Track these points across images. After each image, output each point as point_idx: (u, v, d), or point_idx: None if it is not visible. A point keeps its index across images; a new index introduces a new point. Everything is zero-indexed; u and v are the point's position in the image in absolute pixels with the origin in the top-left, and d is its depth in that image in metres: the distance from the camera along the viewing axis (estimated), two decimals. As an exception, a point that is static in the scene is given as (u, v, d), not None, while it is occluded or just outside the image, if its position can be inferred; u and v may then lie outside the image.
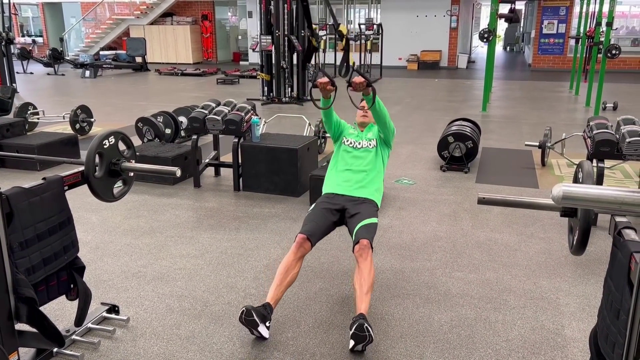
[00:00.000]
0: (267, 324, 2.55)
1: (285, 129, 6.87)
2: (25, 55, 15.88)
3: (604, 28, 9.00)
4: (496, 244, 3.69)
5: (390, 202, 4.54)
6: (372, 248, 2.69)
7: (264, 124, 6.05)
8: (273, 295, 2.61)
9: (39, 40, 21.49)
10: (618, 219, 1.72)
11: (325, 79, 2.83)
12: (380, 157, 3.15)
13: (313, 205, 3.01)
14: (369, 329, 2.38)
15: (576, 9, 14.46)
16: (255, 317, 2.47)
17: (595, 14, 10.37)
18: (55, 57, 15.38)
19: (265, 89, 10.11)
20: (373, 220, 2.83)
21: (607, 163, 4.22)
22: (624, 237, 1.58)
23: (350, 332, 2.40)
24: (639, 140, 3.82)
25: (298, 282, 3.10)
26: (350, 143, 3.17)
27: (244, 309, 2.48)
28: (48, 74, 15.41)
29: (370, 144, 3.15)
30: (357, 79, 2.77)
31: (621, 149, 3.90)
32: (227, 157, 5.33)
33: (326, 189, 3.09)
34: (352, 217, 2.85)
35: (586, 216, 1.71)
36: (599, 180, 3.90)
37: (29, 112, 7.15)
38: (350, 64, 2.70)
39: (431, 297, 2.98)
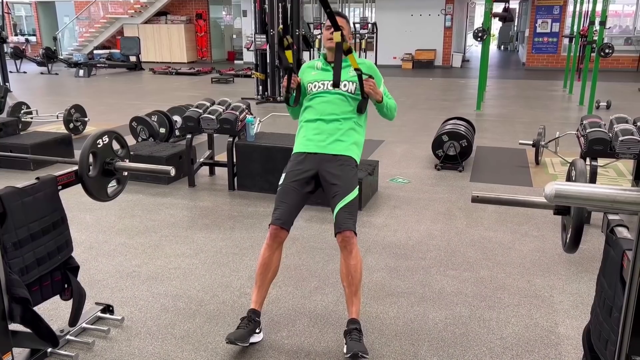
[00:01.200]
0: (257, 330, 2.51)
1: (280, 128, 6.86)
2: (19, 54, 15.80)
3: (597, 27, 9.04)
4: (490, 243, 3.71)
5: (385, 201, 4.55)
6: (355, 234, 2.48)
7: (258, 123, 6.04)
8: (257, 298, 2.55)
9: (32, 39, 21.38)
10: (611, 217, 1.73)
11: (286, 81, 2.65)
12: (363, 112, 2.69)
13: (283, 176, 2.63)
14: (363, 355, 2.30)
15: (570, 8, 14.52)
16: (240, 344, 2.41)
17: (589, 13, 10.41)
18: (49, 56, 15.31)
19: (260, 88, 10.10)
20: (353, 195, 2.52)
21: (600, 161, 4.24)
22: (617, 235, 1.60)
23: (346, 355, 2.35)
24: (631, 139, 3.85)
25: (292, 280, 3.11)
26: (317, 87, 2.69)
27: (227, 340, 2.40)
28: (41, 73, 15.34)
29: (345, 87, 2.63)
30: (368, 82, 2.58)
31: (614, 148, 3.92)
32: (221, 157, 5.32)
33: (295, 147, 2.70)
34: (330, 188, 2.55)
35: (579, 214, 1.72)
36: (592, 179, 3.92)
37: (22, 111, 7.11)
38: (355, 67, 2.52)
39: (426, 296, 2.99)
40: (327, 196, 2.59)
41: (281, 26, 5.35)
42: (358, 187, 2.61)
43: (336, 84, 2.52)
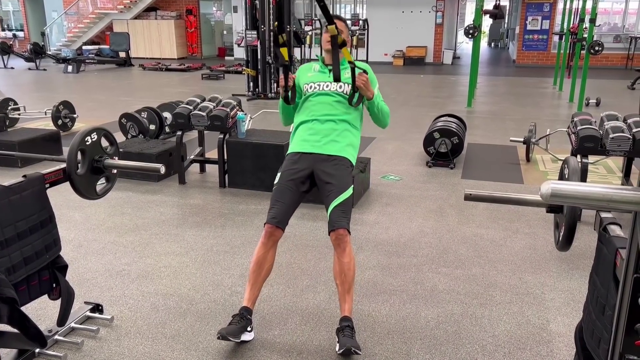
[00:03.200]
0: (249, 328, 2.49)
1: (271, 125, 6.82)
2: (6, 49, 15.58)
3: (587, 24, 9.08)
4: (482, 240, 3.71)
5: (377, 198, 4.54)
6: (349, 233, 2.49)
7: (249, 120, 6.01)
8: (249, 296, 2.53)
9: (20, 34, 21.10)
10: (603, 214, 1.73)
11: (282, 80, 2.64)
12: (356, 106, 2.69)
13: (278, 176, 2.63)
14: (356, 351, 2.31)
15: (560, 6, 14.58)
16: (232, 339, 2.38)
17: (579, 10, 10.46)
18: (37, 52, 15.12)
19: (251, 84, 10.05)
20: (347, 193, 2.52)
21: (590, 158, 4.26)
22: (609, 233, 1.59)
23: (338, 351, 2.36)
24: (622, 136, 3.86)
25: (284, 279, 3.09)
26: (314, 87, 2.70)
27: (218, 335, 2.38)
28: (29, 69, 15.16)
29: (341, 89, 2.66)
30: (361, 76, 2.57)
31: (604, 145, 3.94)
32: (212, 154, 5.28)
33: (291, 147, 2.71)
34: (325, 187, 2.55)
35: (572, 212, 1.72)
36: (583, 176, 3.93)
37: (9, 107, 7.02)
38: (349, 60, 2.53)
39: (418, 294, 2.98)
40: (321, 195, 2.60)
41: (276, 23, 5.32)
42: (352, 186, 2.60)
43: (337, 78, 2.54)
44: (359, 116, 2.76)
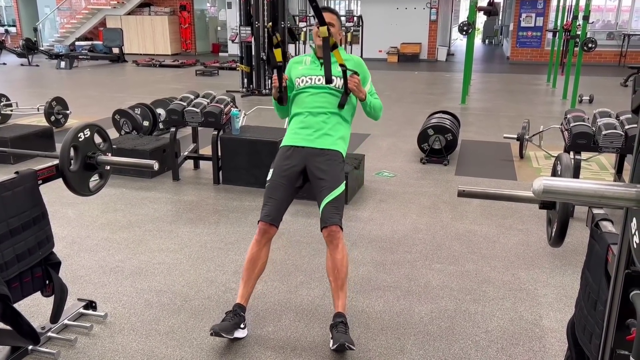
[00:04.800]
0: (242, 325, 2.49)
1: (266, 122, 6.82)
2: (-2, 45, 15.49)
3: (580, 21, 9.12)
4: (475, 236, 3.72)
5: (371, 194, 4.55)
6: (341, 229, 2.51)
7: (243, 116, 6.00)
8: (243, 293, 2.53)
9: (12, 30, 20.95)
10: (595, 211, 1.73)
11: (275, 81, 2.65)
12: (348, 99, 2.70)
13: (271, 172, 2.63)
14: (350, 346, 2.31)
15: (554, 3, 14.62)
16: (225, 335, 2.39)
17: (572, 7, 10.49)
18: (29, 48, 15.03)
19: (245, 80, 10.03)
20: (340, 190, 2.54)
21: (583, 155, 4.28)
22: (601, 229, 1.60)
23: (332, 347, 2.35)
24: (614, 133, 3.89)
25: (278, 275, 3.09)
26: (305, 81, 2.69)
27: (211, 331, 2.37)
28: (22, 64, 15.07)
29: (334, 83, 2.65)
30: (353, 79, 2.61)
31: (597, 142, 3.96)
32: (206, 150, 5.27)
33: (284, 140, 2.70)
34: (317, 182, 2.56)
35: (564, 209, 1.73)
36: (576, 172, 3.95)
37: (1, 103, 6.98)
38: (340, 62, 2.54)
39: (412, 290, 2.99)
40: (313, 190, 2.61)
41: (270, 24, 5.31)
42: (345, 182, 2.62)
43: (328, 80, 2.61)
44: (351, 109, 2.76)
